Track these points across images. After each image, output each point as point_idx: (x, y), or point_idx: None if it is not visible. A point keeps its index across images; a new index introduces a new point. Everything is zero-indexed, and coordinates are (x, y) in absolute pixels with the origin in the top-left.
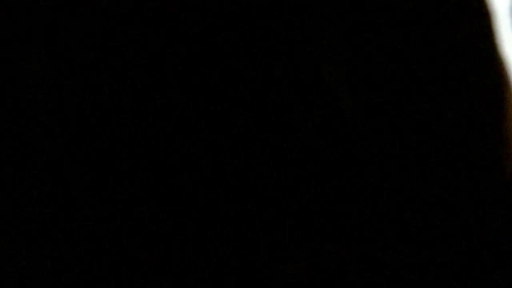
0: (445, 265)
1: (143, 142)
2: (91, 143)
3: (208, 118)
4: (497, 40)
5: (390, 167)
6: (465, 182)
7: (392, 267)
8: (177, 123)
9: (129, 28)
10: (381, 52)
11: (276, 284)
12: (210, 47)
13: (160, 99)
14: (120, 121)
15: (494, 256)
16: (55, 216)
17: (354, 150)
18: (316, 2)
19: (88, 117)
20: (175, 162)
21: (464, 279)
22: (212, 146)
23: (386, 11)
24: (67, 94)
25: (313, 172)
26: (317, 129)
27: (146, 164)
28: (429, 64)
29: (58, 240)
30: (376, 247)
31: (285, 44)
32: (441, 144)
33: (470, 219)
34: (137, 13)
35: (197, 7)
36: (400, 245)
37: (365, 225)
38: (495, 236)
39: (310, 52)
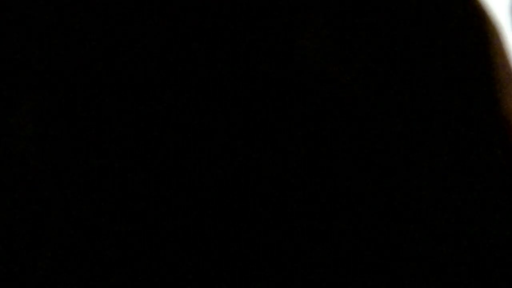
0: (446, 265)
1: (142, 143)
2: (90, 143)
3: (197, 114)
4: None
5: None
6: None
7: (392, 268)
8: (170, 122)
9: (125, 29)
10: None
11: (275, 283)
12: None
13: (152, 99)
14: (119, 121)
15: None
16: (54, 217)
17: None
18: None
19: (87, 117)
20: (174, 163)
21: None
22: (206, 142)
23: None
24: (65, 94)
25: (309, 167)
26: (314, 120)
27: (145, 165)
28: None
29: (57, 241)
30: (374, 245)
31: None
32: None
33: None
34: (132, 13)
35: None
36: (401, 244)
37: (364, 224)
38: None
39: (293, 38)
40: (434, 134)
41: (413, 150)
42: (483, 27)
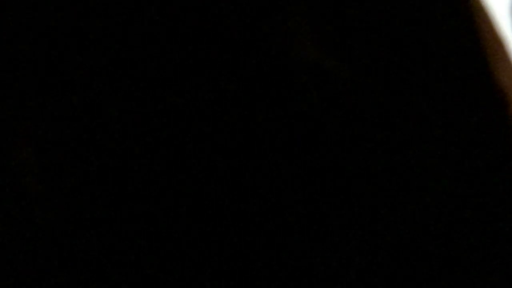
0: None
1: (141, 144)
2: (90, 144)
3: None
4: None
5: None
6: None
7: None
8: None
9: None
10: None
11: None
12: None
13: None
14: (118, 123)
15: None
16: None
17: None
18: None
19: (86, 118)
20: (173, 164)
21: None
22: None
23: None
24: (63, 95)
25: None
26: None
27: (145, 168)
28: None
29: (58, 242)
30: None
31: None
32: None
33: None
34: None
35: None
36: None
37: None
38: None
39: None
40: (432, 122)
41: (413, 143)
42: (467, 6)
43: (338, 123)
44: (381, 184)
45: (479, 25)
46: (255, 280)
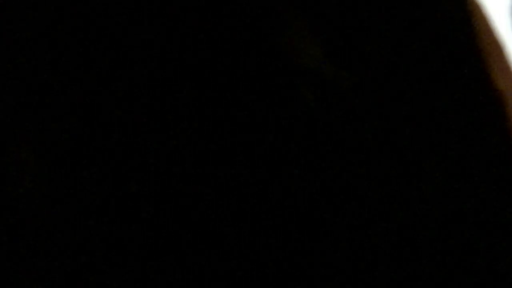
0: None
1: (141, 143)
2: (89, 144)
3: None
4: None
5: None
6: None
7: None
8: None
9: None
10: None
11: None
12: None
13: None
14: (117, 122)
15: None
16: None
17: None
18: None
19: (85, 118)
20: (171, 165)
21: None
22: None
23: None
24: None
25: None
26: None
27: (144, 169)
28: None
29: (57, 242)
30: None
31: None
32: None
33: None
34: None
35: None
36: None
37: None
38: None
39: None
40: (430, 124)
41: (411, 144)
42: (465, 8)
43: (336, 127)
44: (380, 186)
45: (478, 27)
46: (255, 280)
